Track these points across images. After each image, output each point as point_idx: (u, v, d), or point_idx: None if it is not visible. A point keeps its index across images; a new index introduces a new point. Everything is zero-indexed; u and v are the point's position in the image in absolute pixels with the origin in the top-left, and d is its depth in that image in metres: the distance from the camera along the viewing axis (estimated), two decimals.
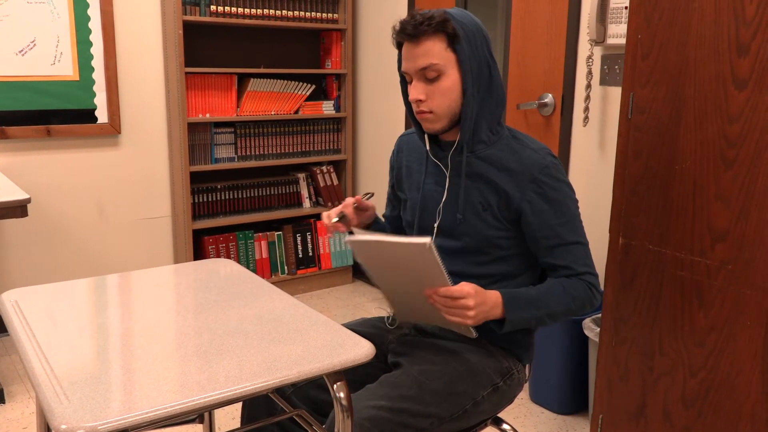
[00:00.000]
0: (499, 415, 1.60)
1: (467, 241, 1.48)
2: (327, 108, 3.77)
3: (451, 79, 1.41)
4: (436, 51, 1.40)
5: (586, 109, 2.58)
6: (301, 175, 3.82)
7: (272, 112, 3.58)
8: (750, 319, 1.60)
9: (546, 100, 2.74)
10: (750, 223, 1.58)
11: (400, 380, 1.41)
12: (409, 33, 1.40)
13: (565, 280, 1.45)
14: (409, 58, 1.42)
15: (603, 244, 2.57)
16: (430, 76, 1.41)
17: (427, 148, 1.54)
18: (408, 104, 1.52)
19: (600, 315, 2.06)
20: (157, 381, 1.02)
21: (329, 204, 3.86)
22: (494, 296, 1.38)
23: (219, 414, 2.47)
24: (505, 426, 1.60)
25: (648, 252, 1.80)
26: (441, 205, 1.52)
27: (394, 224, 1.76)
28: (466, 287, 1.32)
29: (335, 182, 3.89)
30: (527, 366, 1.62)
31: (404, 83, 1.51)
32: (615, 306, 1.91)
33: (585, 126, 2.62)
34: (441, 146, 1.54)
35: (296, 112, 3.67)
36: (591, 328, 2.28)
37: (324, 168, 3.86)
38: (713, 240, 1.65)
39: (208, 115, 3.38)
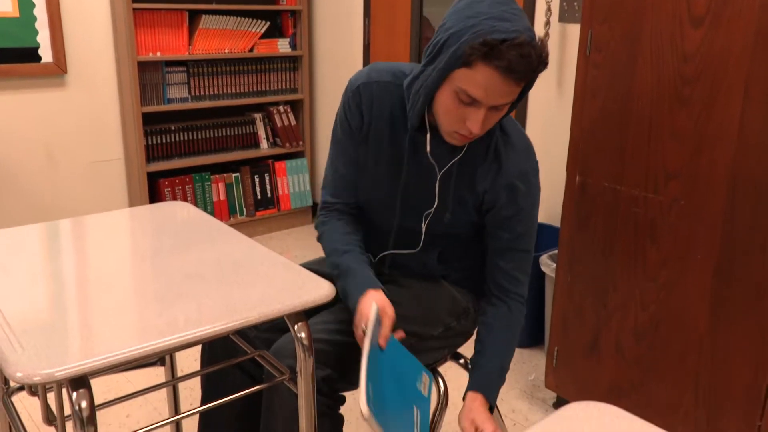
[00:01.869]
0: (458, 350, 1.64)
1: (444, 236, 1.48)
2: (282, 46, 3.68)
3: (507, 107, 1.28)
4: (518, 89, 1.23)
5: (545, 46, 2.56)
6: (258, 116, 3.74)
7: (226, 51, 3.48)
8: (700, 254, 1.65)
9: None
10: (702, 160, 1.61)
11: (342, 315, 1.43)
12: (518, 76, 1.18)
13: (510, 317, 1.46)
14: (494, 94, 1.20)
15: (560, 183, 2.60)
16: (500, 108, 1.25)
17: (428, 149, 1.37)
18: (424, 101, 1.28)
19: (556, 252, 2.10)
20: (115, 326, 1.00)
21: (287, 144, 3.80)
22: (482, 406, 1.38)
23: (181, 356, 2.48)
24: (462, 360, 1.64)
25: (604, 190, 1.83)
26: (433, 208, 1.43)
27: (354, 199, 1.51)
28: None
29: (293, 122, 3.83)
30: None
31: (439, 80, 1.24)
32: (571, 243, 1.94)
33: None
34: (434, 140, 1.38)
35: (251, 50, 3.57)
36: (547, 264, 2.33)
37: (281, 108, 3.79)
38: (667, 177, 1.68)
39: (158, 54, 3.27)
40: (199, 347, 2.07)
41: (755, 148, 1.51)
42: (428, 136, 1.35)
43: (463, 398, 1.42)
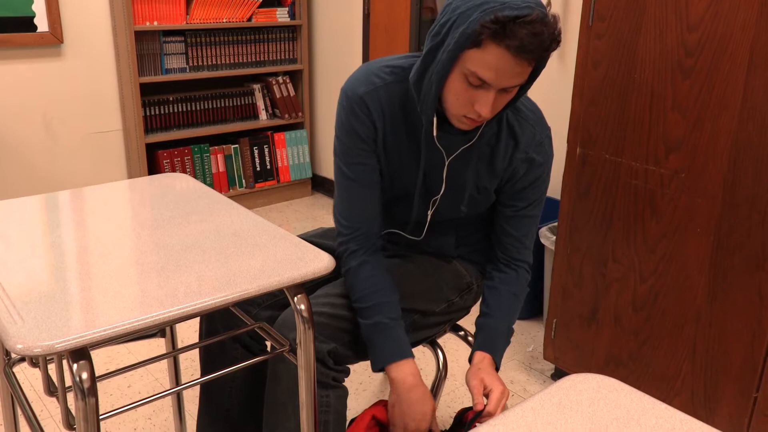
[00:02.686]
0: (458, 323, 1.64)
1: (459, 218, 1.48)
2: (281, 15, 3.64)
3: (517, 89, 1.23)
4: (529, 70, 1.19)
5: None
6: (257, 87, 3.72)
7: (224, 20, 3.44)
8: (700, 226, 1.65)
9: None
10: (704, 132, 1.60)
11: (345, 289, 1.43)
12: (530, 56, 1.13)
13: (517, 283, 1.48)
14: (505, 75, 1.15)
15: (561, 155, 2.59)
16: (509, 90, 1.20)
17: (435, 134, 1.31)
18: (437, 87, 1.22)
19: (556, 224, 2.10)
20: (115, 298, 1.01)
21: (286, 116, 3.78)
22: (492, 365, 1.40)
23: (181, 327, 2.49)
24: (462, 333, 1.65)
25: (604, 162, 1.82)
26: (440, 195, 1.41)
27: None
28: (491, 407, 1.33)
29: (292, 93, 3.80)
30: None
31: (449, 64, 1.19)
32: (571, 215, 1.94)
33: None
34: (441, 127, 1.33)
35: (249, 19, 3.53)
36: (547, 237, 2.33)
37: (280, 79, 3.76)
38: (668, 149, 1.68)
39: (156, 23, 3.23)
40: (198, 318, 2.08)
41: (758, 119, 1.50)
42: (435, 121, 1.30)
43: (469, 359, 1.43)
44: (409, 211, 1.46)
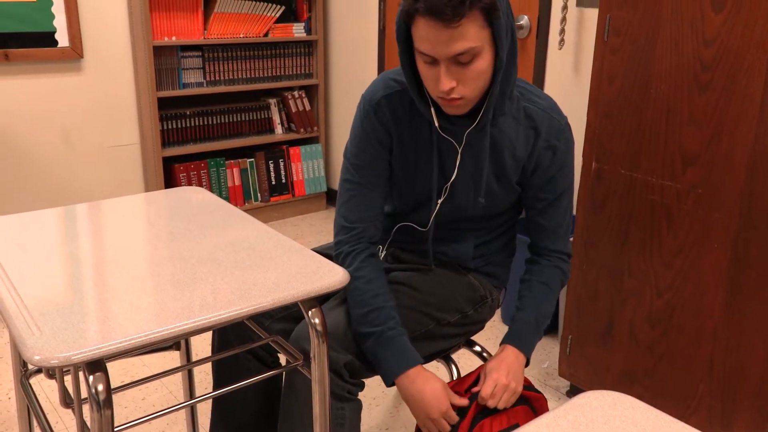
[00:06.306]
0: (473, 338, 1.64)
1: (477, 213, 1.47)
2: (297, 30, 3.67)
3: (486, 59, 1.21)
4: (473, 32, 1.16)
5: (562, 31, 2.54)
6: (273, 101, 3.74)
7: (241, 35, 3.47)
8: (717, 242, 1.63)
9: (521, 23, 2.69)
10: (721, 147, 1.59)
11: None
12: (445, 16, 1.13)
13: (549, 273, 1.48)
14: (438, 43, 1.17)
15: (576, 169, 2.58)
16: (464, 60, 1.19)
17: (437, 124, 1.34)
18: (415, 79, 1.30)
19: (571, 239, 2.09)
20: (131, 310, 1.01)
21: (302, 130, 3.80)
22: (516, 358, 1.40)
23: (195, 340, 2.50)
24: (476, 348, 1.64)
25: (620, 176, 1.81)
26: (449, 183, 1.41)
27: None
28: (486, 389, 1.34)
29: (308, 108, 3.82)
30: (503, 290, 1.64)
31: (406, 52, 1.28)
32: (586, 230, 1.93)
33: (560, 49, 2.58)
34: (448, 118, 1.34)
35: (266, 35, 3.56)
36: None
37: (296, 93, 3.78)
38: (684, 164, 1.67)
39: (174, 38, 3.27)
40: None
41: None
42: (432, 110, 1.33)
43: None
44: (429, 213, 1.47)
